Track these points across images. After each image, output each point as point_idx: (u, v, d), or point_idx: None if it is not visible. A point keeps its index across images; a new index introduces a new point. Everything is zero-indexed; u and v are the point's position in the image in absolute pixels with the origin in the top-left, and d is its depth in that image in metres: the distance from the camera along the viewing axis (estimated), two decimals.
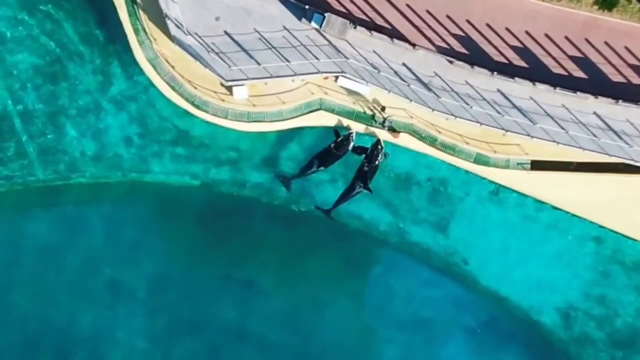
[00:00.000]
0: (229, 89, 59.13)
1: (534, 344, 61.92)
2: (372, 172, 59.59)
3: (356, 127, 59.69)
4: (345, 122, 59.91)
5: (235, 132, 60.39)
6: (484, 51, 57.75)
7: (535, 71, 57.44)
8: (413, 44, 57.50)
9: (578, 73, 57.59)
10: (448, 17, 57.65)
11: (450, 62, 57.39)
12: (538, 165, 59.20)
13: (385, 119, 59.55)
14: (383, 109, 59.60)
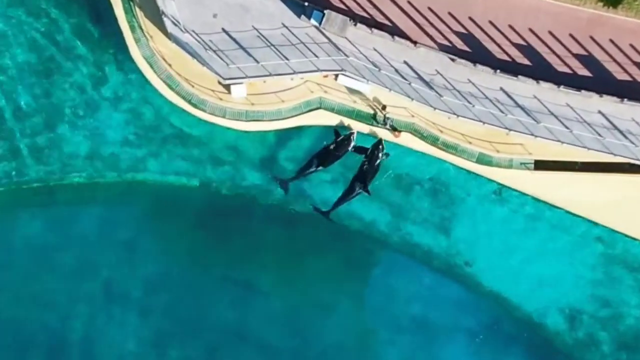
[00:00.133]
0: (227, 87, 59.00)
1: (537, 346, 61.64)
2: (373, 173, 59.51)
3: (356, 127, 59.71)
4: (345, 121, 59.80)
5: (234, 131, 60.24)
6: (486, 49, 57.70)
7: (538, 69, 57.38)
8: (414, 42, 57.44)
9: (582, 71, 57.53)
10: (450, 14, 57.60)
11: (452, 60, 57.32)
12: (542, 165, 59.10)
13: (386, 118, 59.32)
14: (384, 107, 59.33)
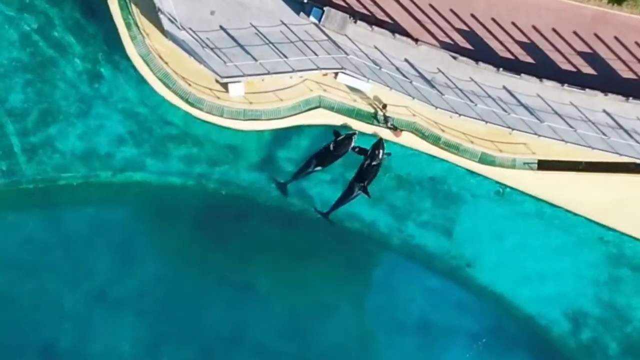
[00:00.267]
0: (225, 85, 58.77)
1: (541, 350, 61.27)
2: (373, 174, 59.30)
3: (356, 126, 59.46)
4: (345, 120, 59.52)
5: (231, 130, 59.97)
6: (489, 47, 57.54)
7: (542, 67, 57.18)
8: (416, 39, 57.28)
9: (587, 69, 57.32)
10: (452, 11, 57.42)
11: (454, 58, 57.15)
12: (545, 165, 58.91)
13: (387, 117, 59.13)
14: (384, 106, 59.17)
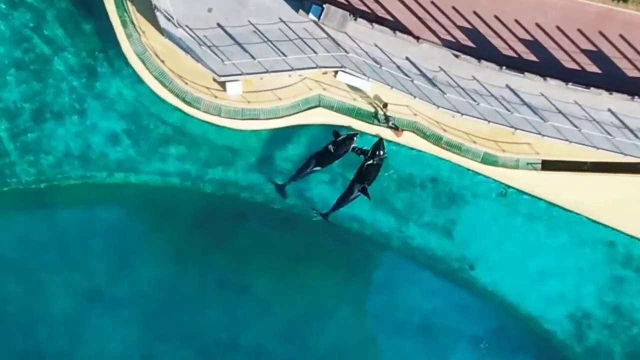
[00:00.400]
0: (222, 84, 58.62)
1: (544, 354, 60.96)
2: (374, 175, 59.18)
3: (357, 125, 59.34)
4: (345, 119, 59.34)
5: (229, 130, 59.76)
6: (492, 44, 57.39)
7: (546, 66, 57.04)
8: (417, 37, 57.10)
9: (591, 68, 57.15)
10: (454, 8, 57.30)
11: (457, 56, 56.94)
12: (549, 165, 58.81)
13: (388, 117, 58.96)
14: (385, 105, 58.99)
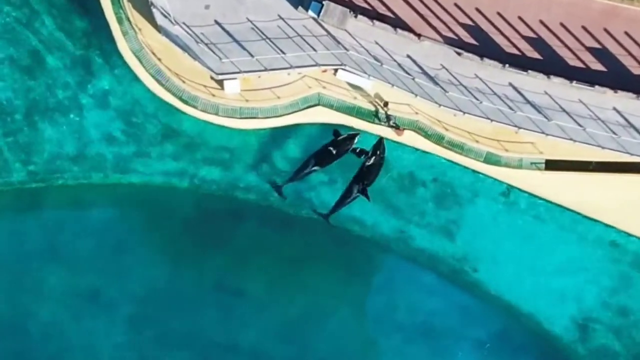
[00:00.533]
0: (220, 83, 58.49)
1: (548, 357, 60.90)
2: (374, 175, 59.15)
3: (357, 125, 59.42)
4: (345, 118, 59.23)
5: (227, 129, 59.70)
6: (494, 42, 57.26)
7: (550, 63, 56.97)
8: (418, 34, 57.02)
9: (596, 65, 57.00)
10: (456, 5, 57.27)
11: (459, 53, 56.92)
12: (553, 165, 58.71)
13: (389, 116, 58.70)
14: (386, 104, 58.82)
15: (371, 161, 58.70)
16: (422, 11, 57.02)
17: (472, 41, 57.01)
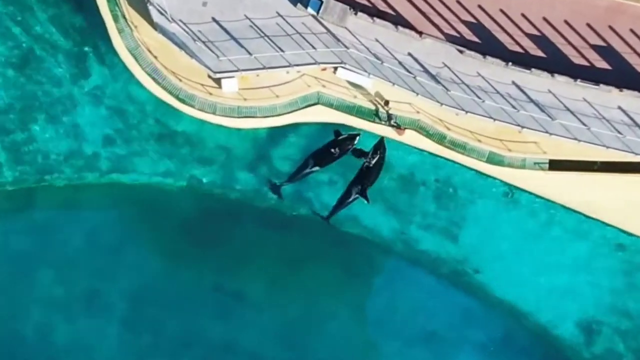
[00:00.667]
0: (218, 81, 58.42)
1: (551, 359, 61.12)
2: (375, 176, 59.02)
3: (357, 124, 59.23)
4: (345, 118, 59.02)
5: (224, 128, 59.59)
6: (497, 40, 57.15)
7: (553, 62, 56.80)
8: (420, 32, 56.91)
9: (601, 63, 56.83)
10: (458, 2, 57.14)
11: (461, 51, 56.80)
12: (557, 165, 58.57)
13: (389, 115, 58.53)
14: (387, 103, 58.64)
15: (372, 162, 58.44)
16: (423, 8, 56.77)
17: (475, 39, 56.84)
